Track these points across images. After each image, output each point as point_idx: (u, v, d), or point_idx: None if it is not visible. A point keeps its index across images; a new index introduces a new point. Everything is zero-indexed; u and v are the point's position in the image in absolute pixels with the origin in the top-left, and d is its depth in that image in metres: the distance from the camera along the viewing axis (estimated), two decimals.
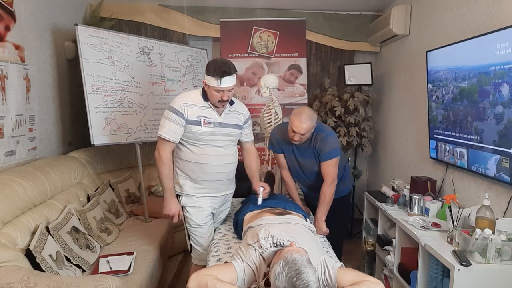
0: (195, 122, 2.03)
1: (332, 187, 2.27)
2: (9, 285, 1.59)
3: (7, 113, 2.45)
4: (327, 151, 2.25)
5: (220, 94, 2.00)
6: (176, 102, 2.03)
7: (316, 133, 2.28)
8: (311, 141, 2.29)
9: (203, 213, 2.17)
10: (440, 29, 2.80)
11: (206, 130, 2.05)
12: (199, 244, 2.22)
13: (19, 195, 2.07)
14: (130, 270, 2.20)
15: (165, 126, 2.02)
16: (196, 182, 2.13)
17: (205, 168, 2.10)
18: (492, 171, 2.07)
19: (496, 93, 1.99)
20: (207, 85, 2.00)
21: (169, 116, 2.02)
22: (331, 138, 2.28)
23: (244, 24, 4.05)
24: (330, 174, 2.27)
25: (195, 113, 2.03)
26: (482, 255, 1.75)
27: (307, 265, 1.35)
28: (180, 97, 2.06)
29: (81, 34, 2.86)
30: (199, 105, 2.06)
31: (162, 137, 2.03)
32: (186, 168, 2.12)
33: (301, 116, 2.15)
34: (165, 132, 2.02)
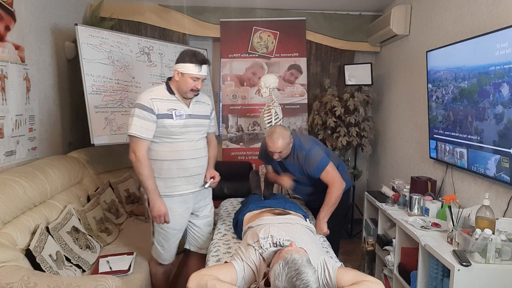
0: (167, 115, 1.98)
1: (338, 190, 2.28)
2: (9, 285, 1.59)
3: (7, 113, 2.45)
4: (315, 167, 2.29)
5: (195, 83, 1.99)
6: (143, 98, 1.96)
7: (296, 152, 2.35)
8: (294, 158, 2.36)
9: (173, 216, 2.08)
10: (440, 29, 2.80)
11: (179, 123, 2.01)
12: (161, 244, 2.18)
13: (19, 195, 2.07)
14: (130, 270, 2.20)
15: (135, 124, 1.93)
16: (171, 180, 2.06)
17: (181, 164, 2.06)
18: (492, 171, 2.07)
19: (496, 93, 1.99)
20: (182, 73, 1.97)
21: (138, 113, 1.94)
22: (313, 153, 2.31)
23: (244, 24, 4.05)
24: (334, 179, 2.28)
25: (164, 107, 1.98)
26: (482, 255, 1.75)
27: (307, 265, 1.35)
28: (145, 93, 2.00)
29: (81, 34, 2.86)
30: (166, 99, 2.01)
31: (134, 135, 1.94)
32: (160, 167, 2.04)
33: (272, 137, 2.26)
34: (136, 130, 1.93)
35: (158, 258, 2.23)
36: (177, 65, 2.00)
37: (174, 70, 2.01)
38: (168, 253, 2.22)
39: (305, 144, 2.36)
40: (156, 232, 2.16)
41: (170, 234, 2.14)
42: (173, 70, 2.02)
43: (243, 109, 4.12)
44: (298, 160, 2.35)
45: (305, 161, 2.31)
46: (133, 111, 1.96)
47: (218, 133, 4.14)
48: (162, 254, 2.21)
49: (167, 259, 2.24)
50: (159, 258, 2.23)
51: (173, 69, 2.02)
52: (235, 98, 4.12)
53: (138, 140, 1.95)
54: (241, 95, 4.12)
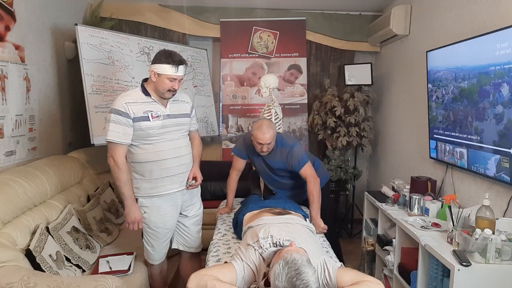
0: (143, 118, 1.96)
1: (316, 184, 2.39)
2: (9, 285, 1.59)
3: (7, 113, 2.45)
4: (297, 162, 2.41)
5: (172, 83, 1.97)
6: (117, 103, 1.94)
7: (280, 148, 2.43)
8: (277, 154, 2.44)
9: (162, 215, 2.10)
10: (440, 29, 2.80)
11: (156, 124, 1.99)
12: (150, 244, 2.18)
13: (19, 195, 2.07)
14: (130, 270, 2.20)
15: (111, 129, 1.91)
16: (155, 181, 2.05)
17: (163, 164, 2.04)
18: (492, 171, 2.07)
19: (496, 93, 1.99)
20: (158, 73, 1.95)
21: (113, 119, 1.91)
22: (296, 149, 2.43)
23: (244, 24, 4.05)
24: (310, 174, 2.40)
25: (140, 109, 1.96)
26: (482, 255, 1.75)
27: (307, 265, 1.35)
28: (120, 98, 1.97)
29: (81, 34, 2.86)
30: (142, 101, 1.99)
31: (111, 141, 1.92)
32: (143, 169, 2.03)
33: (262, 128, 2.30)
34: (113, 135, 1.91)
35: (149, 259, 2.23)
36: (153, 66, 1.98)
37: (151, 71, 1.98)
38: (158, 253, 2.21)
39: (288, 141, 2.47)
40: (145, 233, 2.15)
41: (160, 234, 2.14)
42: (149, 71, 1.99)
43: (243, 109, 4.12)
44: (281, 155, 2.43)
45: (288, 156, 2.41)
46: (108, 117, 1.94)
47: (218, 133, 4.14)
48: (152, 255, 2.21)
49: (157, 259, 2.24)
50: (149, 259, 2.23)
51: (149, 70, 2.00)
52: (235, 98, 4.12)
53: (115, 146, 1.93)
54: (241, 95, 4.12)
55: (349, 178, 3.92)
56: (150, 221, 2.09)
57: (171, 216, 2.14)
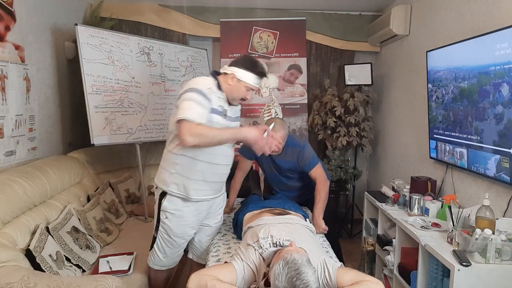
0: (217, 111, 1.83)
1: (325, 186, 2.37)
2: (9, 285, 1.59)
3: (7, 113, 2.45)
4: (308, 162, 2.39)
5: (248, 93, 1.89)
6: (201, 85, 1.78)
7: (290, 148, 2.40)
8: (287, 154, 2.42)
9: (183, 225, 1.96)
10: (440, 29, 2.80)
11: (223, 123, 1.87)
12: (163, 252, 2.03)
13: (19, 195, 2.07)
14: (130, 270, 2.20)
15: (193, 108, 1.70)
16: (198, 183, 1.90)
17: (216, 169, 1.93)
18: (492, 171, 2.07)
19: (496, 93, 1.99)
20: (238, 79, 1.85)
21: (196, 98, 1.72)
22: (306, 150, 2.41)
23: (244, 24, 4.05)
24: (320, 175, 2.39)
25: (217, 102, 1.83)
26: (482, 255, 1.75)
27: (307, 265, 1.35)
28: (201, 81, 1.82)
29: (81, 34, 2.85)
30: (217, 96, 1.86)
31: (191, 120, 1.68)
32: (195, 168, 1.87)
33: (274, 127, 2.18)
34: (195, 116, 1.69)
35: (155, 264, 2.09)
36: (235, 69, 1.86)
37: (231, 73, 1.86)
38: (169, 260, 2.09)
39: (299, 141, 2.47)
40: (160, 239, 2.00)
41: (176, 243, 2.01)
42: (229, 72, 1.87)
43: (243, 109, 4.08)
44: (292, 155, 2.41)
45: (299, 156, 2.39)
46: (189, 95, 1.73)
47: None
48: (161, 261, 2.07)
49: (165, 265, 2.11)
50: (155, 264, 2.09)
51: (229, 71, 1.88)
52: None
53: (192, 123, 1.69)
54: None
55: (349, 178, 3.92)
56: (170, 228, 1.94)
57: (191, 227, 2.01)
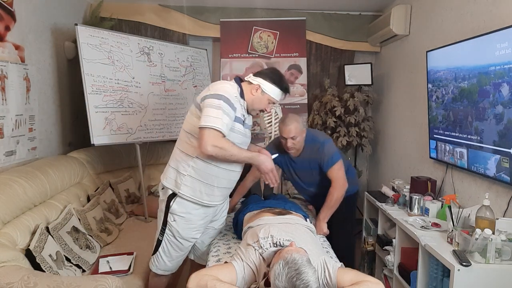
0: (240, 120, 1.83)
1: (340, 190, 2.23)
2: (9, 285, 1.59)
3: (7, 113, 2.45)
4: (327, 159, 2.24)
5: (269, 105, 1.90)
6: (230, 92, 1.77)
7: (310, 145, 2.28)
8: (306, 152, 2.29)
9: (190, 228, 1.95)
10: (440, 29, 2.80)
11: (244, 130, 1.88)
12: (168, 255, 2.00)
13: (19, 195, 2.07)
14: (130, 270, 2.20)
15: (220, 117, 1.70)
16: (211, 189, 1.89)
17: (229, 175, 1.92)
18: (492, 171, 2.07)
19: (496, 93, 1.99)
20: (263, 90, 1.86)
21: (224, 108, 1.72)
22: (328, 146, 2.26)
23: (244, 24, 4.05)
24: (339, 178, 2.24)
25: (240, 110, 1.83)
26: (482, 255, 1.75)
27: (307, 265, 1.35)
28: (230, 87, 1.81)
29: (81, 34, 2.85)
30: (241, 103, 1.86)
31: (219, 130, 1.69)
32: (211, 173, 1.86)
33: (285, 121, 2.19)
34: (222, 125, 1.70)
35: (159, 268, 2.04)
36: (262, 81, 1.86)
37: (257, 84, 1.86)
38: (174, 264, 2.06)
39: (319, 137, 2.31)
40: (167, 242, 1.97)
41: (183, 246, 2.00)
42: (254, 82, 1.87)
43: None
44: (311, 152, 2.27)
45: (319, 151, 2.24)
46: (217, 103, 1.72)
47: None
48: (166, 265, 2.03)
49: (169, 270, 2.07)
50: (159, 269, 2.05)
51: (255, 81, 1.87)
52: None
53: (218, 135, 1.71)
54: None
55: None
56: (177, 231, 1.93)
57: (198, 231, 2.00)
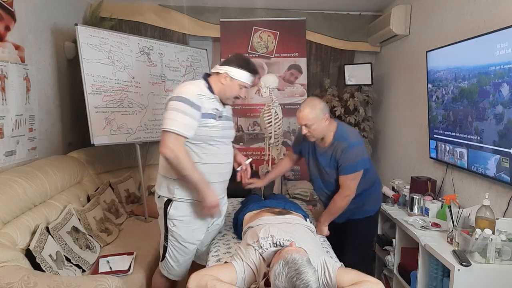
0: (211, 115, 1.84)
1: (344, 200, 2.08)
2: (9, 285, 1.59)
3: (7, 113, 2.45)
4: (347, 164, 2.02)
5: (241, 91, 1.91)
6: (189, 92, 1.78)
7: (336, 142, 2.07)
8: (331, 148, 2.09)
9: (192, 230, 1.95)
10: (440, 29, 2.80)
11: (219, 124, 1.89)
12: (175, 260, 2.00)
13: (19, 195, 2.07)
14: (130, 270, 2.20)
15: (178, 120, 1.73)
16: None
17: (218, 168, 1.93)
18: (492, 171, 2.07)
19: (496, 93, 1.99)
20: (231, 77, 1.87)
21: (183, 109, 1.74)
22: (355, 150, 2.02)
23: (244, 24, 4.05)
24: (347, 187, 2.06)
25: (210, 105, 1.84)
26: (482, 255, 1.76)
27: (307, 265, 1.35)
28: (191, 87, 1.82)
29: (81, 34, 2.85)
30: (209, 97, 1.87)
31: (176, 132, 1.73)
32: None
33: (301, 106, 2.07)
34: (180, 127, 1.73)
35: (169, 274, 2.04)
36: (228, 68, 1.88)
37: (224, 72, 1.88)
38: (182, 269, 2.05)
39: (351, 137, 2.07)
40: (171, 247, 1.96)
41: (188, 249, 1.99)
42: (221, 71, 1.89)
43: (243, 109, 4.12)
44: (336, 151, 2.06)
45: (343, 152, 2.02)
46: (176, 105, 1.75)
47: None
48: (175, 270, 2.03)
49: (179, 275, 2.07)
50: (170, 274, 2.04)
51: (221, 71, 1.89)
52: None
53: (177, 137, 1.74)
54: None
55: None
56: (179, 235, 1.93)
57: (201, 231, 2.00)
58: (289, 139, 4.12)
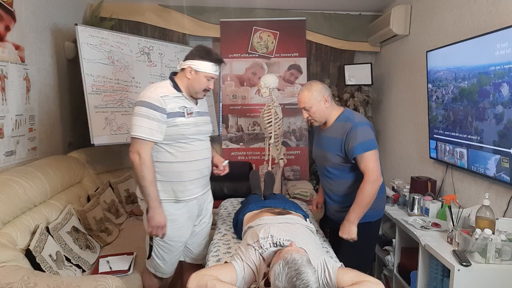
0: (179, 113, 1.83)
1: (373, 186, 1.84)
2: (9, 285, 1.59)
3: (7, 113, 2.45)
4: (357, 144, 1.85)
5: (209, 82, 1.89)
6: (151, 96, 1.78)
7: (341, 123, 1.95)
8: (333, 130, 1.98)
9: (177, 228, 1.94)
10: (440, 29, 2.80)
11: (190, 121, 1.87)
12: (161, 258, 1.99)
13: (19, 195, 2.07)
14: (130, 270, 2.20)
15: (142, 125, 1.75)
16: (182, 185, 1.90)
17: (195, 165, 1.92)
18: (492, 171, 2.07)
19: (496, 93, 1.99)
20: (196, 70, 1.85)
21: (146, 113, 1.75)
22: (363, 129, 1.88)
23: (244, 24, 4.05)
24: (371, 171, 1.85)
25: (175, 105, 1.83)
26: (482, 255, 1.76)
27: (307, 265, 1.35)
28: (153, 90, 1.81)
29: (81, 34, 2.86)
30: (175, 96, 1.86)
31: (142, 138, 1.75)
32: (172, 170, 1.88)
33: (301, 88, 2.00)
34: (144, 132, 1.75)
35: (157, 271, 2.05)
36: (191, 62, 1.86)
37: (188, 66, 1.87)
38: (169, 267, 2.05)
39: (357, 118, 1.95)
40: (155, 245, 1.96)
41: (173, 247, 1.99)
42: (185, 66, 1.88)
43: (243, 109, 4.12)
44: (339, 131, 1.93)
45: (348, 134, 1.88)
46: (139, 110, 1.77)
47: (218, 133, 4.14)
48: (162, 268, 2.03)
49: (167, 273, 2.06)
50: (158, 272, 2.05)
51: (185, 66, 1.88)
52: (235, 98, 4.12)
53: (144, 142, 1.77)
54: (241, 95, 4.12)
55: None
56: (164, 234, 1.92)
57: (186, 229, 2.00)
58: (289, 139, 4.12)
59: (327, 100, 1.97)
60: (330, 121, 2.02)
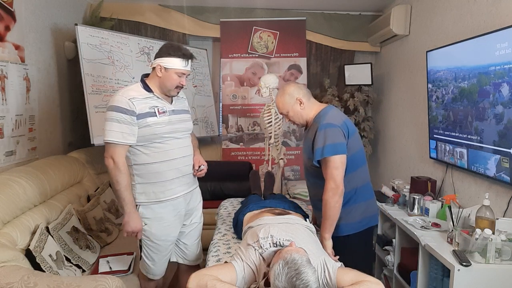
0: (149, 114, 1.82)
1: (332, 195, 1.74)
2: (9, 285, 1.59)
3: (7, 113, 2.45)
4: (319, 146, 1.75)
5: (181, 79, 1.86)
6: (119, 100, 1.78)
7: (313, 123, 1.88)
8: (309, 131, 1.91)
9: (165, 227, 1.93)
10: (440, 29, 2.80)
11: (163, 120, 1.85)
12: (150, 258, 1.98)
13: (19, 195, 2.07)
14: (130, 270, 2.20)
15: (113, 129, 1.75)
16: (163, 185, 1.89)
17: (173, 164, 1.89)
18: (492, 171, 2.07)
19: (496, 93, 1.99)
20: (165, 68, 1.83)
21: (116, 117, 1.76)
22: (327, 131, 1.75)
23: (244, 24, 4.05)
24: (329, 177, 1.74)
25: (145, 105, 1.82)
26: (482, 255, 1.75)
27: (307, 265, 1.35)
28: (121, 94, 1.81)
29: (81, 34, 2.86)
30: (145, 97, 1.84)
31: (114, 142, 1.76)
32: (150, 171, 1.86)
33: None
34: (115, 136, 1.75)
35: (148, 273, 2.03)
36: (159, 60, 1.84)
37: (157, 65, 1.84)
38: (159, 267, 2.03)
39: (328, 119, 1.81)
40: (144, 246, 1.95)
41: (162, 247, 1.97)
42: (155, 65, 1.85)
43: (243, 109, 4.12)
44: (311, 132, 1.85)
45: (315, 135, 1.79)
46: (110, 115, 1.77)
47: (218, 133, 4.14)
48: (152, 269, 2.01)
49: (157, 274, 2.05)
50: (149, 273, 2.03)
51: (155, 64, 1.85)
52: (235, 98, 4.12)
53: (116, 146, 1.77)
54: (241, 95, 4.12)
55: None
56: (152, 233, 1.91)
57: (174, 228, 1.98)
58: (289, 139, 4.12)
59: (302, 102, 1.89)
60: (309, 121, 1.94)
